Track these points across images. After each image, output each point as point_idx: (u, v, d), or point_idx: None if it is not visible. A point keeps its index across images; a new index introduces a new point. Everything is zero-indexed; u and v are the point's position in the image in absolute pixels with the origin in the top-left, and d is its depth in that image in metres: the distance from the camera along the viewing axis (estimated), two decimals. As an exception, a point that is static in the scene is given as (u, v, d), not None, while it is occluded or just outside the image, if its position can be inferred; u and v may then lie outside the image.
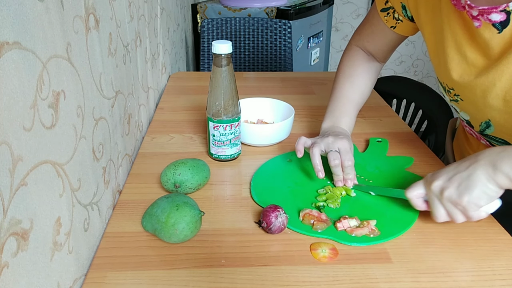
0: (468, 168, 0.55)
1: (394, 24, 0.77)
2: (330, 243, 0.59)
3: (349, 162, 0.70)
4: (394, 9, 0.75)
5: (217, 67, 0.73)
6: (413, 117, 1.28)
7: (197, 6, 1.81)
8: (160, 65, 1.17)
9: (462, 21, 0.61)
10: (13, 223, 0.37)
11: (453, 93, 0.68)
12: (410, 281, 0.53)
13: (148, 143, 0.88)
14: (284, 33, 1.63)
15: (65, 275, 0.49)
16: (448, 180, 0.55)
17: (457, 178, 0.55)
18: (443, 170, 0.58)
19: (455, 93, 0.67)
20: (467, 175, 0.54)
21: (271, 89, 1.22)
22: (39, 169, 0.42)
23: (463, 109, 0.69)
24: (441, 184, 0.56)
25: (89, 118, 0.58)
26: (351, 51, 0.86)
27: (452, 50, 0.63)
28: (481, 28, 0.57)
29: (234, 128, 0.78)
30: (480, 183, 0.53)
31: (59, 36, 0.47)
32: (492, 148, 0.55)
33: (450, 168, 0.57)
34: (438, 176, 0.57)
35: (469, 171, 0.54)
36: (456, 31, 0.62)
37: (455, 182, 0.55)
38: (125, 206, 0.67)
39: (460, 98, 0.67)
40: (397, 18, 0.76)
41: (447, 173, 0.56)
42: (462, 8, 0.58)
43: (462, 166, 0.56)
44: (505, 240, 0.61)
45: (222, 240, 0.60)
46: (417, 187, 0.61)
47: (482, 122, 0.67)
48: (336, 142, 0.71)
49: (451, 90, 0.67)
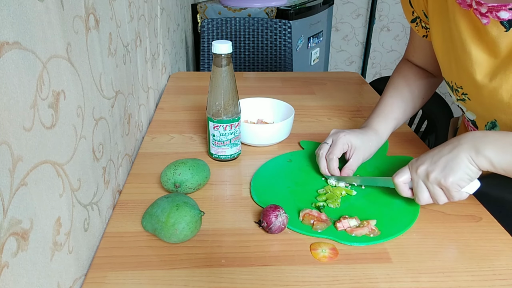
0: (452, 151, 0.57)
1: (425, 33, 0.76)
2: (330, 243, 0.59)
3: (330, 155, 0.71)
4: (420, 18, 0.74)
5: (217, 67, 0.73)
6: (413, 117, 1.28)
7: (197, 6, 1.81)
8: (160, 65, 1.17)
9: (467, 20, 0.60)
10: (13, 223, 0.37)
11: (460, 92, 0.68)
12: (410, 281, 0.53)
13: (148, 143, 0.88)
14: (284, 33, 1.63)
15: (65, 275, 0.49)
16: (434, 163, 0.58)
17: (442, 161, 0.57)
18: (426, 154, 0.60)
19: (463, 92, 0.67)
20: (452, 157, 0.56)
21: (271, 89, 1.22)
22: (39, 169, 0.42)
23: (470, 109, 0.69)
24: (426, 167, 0.58)
25: (89, 118, 0.58)
26: (400, 64, 0.86)
27: (459, 49, 0.63)
28: (489, 25, 0.57)
29: (234, 128, 0.78)
30: (463, 164, 0.56)
31: (59, 36, 0.47)
32: (474, 132, 0.58)
33: (434, 152, 0.59)
34: (423, 161, 0.59)
35: (453, 154, 0.56)
36: (462, 30, 0.61)
37: (440, 164, 0.57)
38: (125, 206, 0.67)
39: (467, 97, 0.67)
40: (425, 26, 0.75)
41: (431, 157, 0.59)
42: (467, 7, 0.58)
43: (445, 149, 0.58)
44: (505, 240, 0.61)
45: (222, 240, 0.60)
46: (403, 172, 0.62)
47: (488, 122, 0.67)
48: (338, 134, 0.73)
49: (459, 89, 0.67)
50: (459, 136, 0.59)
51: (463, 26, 0.61)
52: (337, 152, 0.71)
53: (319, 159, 0.74)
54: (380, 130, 0.77)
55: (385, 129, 0.78)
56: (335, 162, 0.71)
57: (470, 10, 0.59)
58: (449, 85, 0.70)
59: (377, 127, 0.77)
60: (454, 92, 0.70)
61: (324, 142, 0.75)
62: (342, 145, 0.72)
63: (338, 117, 1.03)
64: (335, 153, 0.71)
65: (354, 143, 0.72)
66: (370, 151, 0.75)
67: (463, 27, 0.61)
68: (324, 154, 0.73)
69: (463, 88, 0.67)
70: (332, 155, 0.71)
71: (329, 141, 0.74)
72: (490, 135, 0.56)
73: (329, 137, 0.75)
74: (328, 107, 1.09)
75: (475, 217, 0.66)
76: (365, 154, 0.74)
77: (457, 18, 0.62)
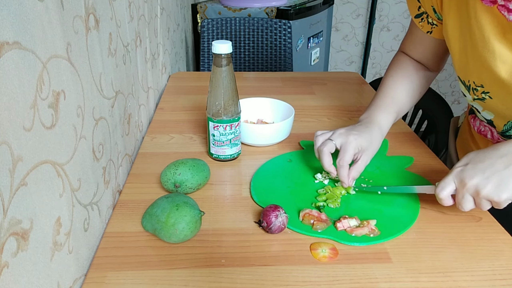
0: (507, 167, 0.55)
1: (430, 29, 0.75)
2: (330, 243, 0.59)
3: (341, 161, 0.68)
4: (427, 14, 0.74)
5: (217, 67, 0.73)
6: (413, 117, 1.28)
7: (197, 6, 1.81)
8: (160, 65, 1.17)
9: (490, 16, 0.59)
10: (13, 223, 0.37)
11: (480, 91, 0.66)
12: (410, 281, 0.53)
13: (148, 143, 0.88)
14: (284, 33, 1.63)
15: (65, 275, 0.49)
16: (486, 179, 0.55)
17: (496, 178, 0.55)
18: (475, 165, 0.57)
19: (483, 90, 0.65)
20: (508, 175, 0.54)
21: (271, 89, 1.22)
22: (39, 169, 0.42)
23: (488, 108, 0.68)
24: (477, 183, 0.55)
25: (89, 118, 0.58)
26: (397, 56, 0.85)
27: (480, 47, 0.62)
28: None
29: (234, 128, 0.78)
30: None
31: (59, 36, 0.47)
32: None
33: (484, 164, 0.56)
34: (472, 175, 0.56)
35: (509, 171, 0.54)
36: (484, 27, 0.60)
37: (494, 181, 0.55)
38: (125, 206, 0.67)
39: (489, 96, 0.65)
40: (432, 22, 0.74)
41: (483, 171, 0.56)
42: (490, 3, 0.57)
43: (499, 164, 0.55)
44: (505, 240, 0.61)
45: (222, 240, 0.60)
46: (448, 184, 0.59)
47: (510, 121, 0.66)
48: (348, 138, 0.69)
49: (479, 87, 0.66)
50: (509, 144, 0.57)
51: (486, 23, 0.60)
52: (348, 159, 0.68)
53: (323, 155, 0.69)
54: (383, 125, 0.76)
55: (387, 122, 0.76)
56: (346, 169, 0.68)
57: (494, 7, 0.57)
58: (465, 84, 0.69)
59: (380, 121, 0.76)
60: (471, 92, 0.68)
61: (329, 138, 0.70)
62: (354, 150, 0.69)
63: (338, 117, 1.03)
64: (346, 160, 0.68)
65: (364, 146, 0.70)
66: (376, 148, 0.73)
67: (485, 24, 0.60)
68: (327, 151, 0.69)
69: (484, 87, 0.65)
70: (343, 162, 0.68)
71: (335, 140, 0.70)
72: None
73: (335, 135, 0.71)
74: (328, 107, 1.09)
75: (475, 217, 0.66)
76: (372, 153, 0.72)
77: (479, 15, 0.60)
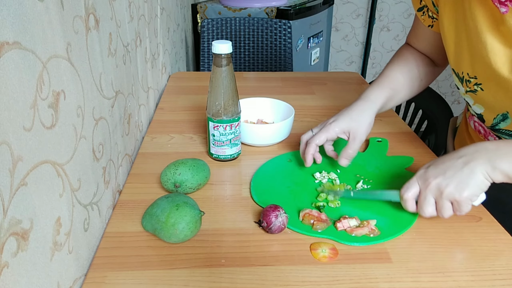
0: (466, 165, 0.56)
1: (430, 22, 0.75)
2: (330, 243, 0.59)
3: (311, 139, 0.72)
4: (428, 7, 0.74)
5: (217, 67, 0.73)
6: (413, 117, 1.28)
7: (197, 6, 1.81)
8: (160, 65, 1.17)
9: (484, 8, 0.59)
10: (13, 223, 0.37)
11: (473, 83, 0.66)
12: (410, 281, 0.53)
13: (148, 143, 0.88)
14: (284, 33, 1.63)
15: (65, 275, 0.49)
16: (447, 178, 0.56)
17: (457, 176, 0.56)
18: (436, 167, 0.59)
19: (476, 82, 0.66)
20: (467, 172, 0.55)
21: (271, 89, 1.22)
22: (39, 169, 0.42)
23: (479, 101, 0.68)
24: (439, 182, 0.57)
25: (89, 118, 0.58)
26: (402, 47, 0.85)
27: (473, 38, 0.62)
28: (507, 14, 0.56)
29: (234, 128, 0.78)
30: (479, 180, 0.55)
31: (59, 36, 0.47)
32: (485, 145, 0.57)
33: (445, 165, 0.58)
34: (435, 175, 0.58)
35: (468, 169, 0.56)
36: (477, 18, 0.60)
37: (455, 179, 0.56)
38: (125, 206, 0.67)
39: (480, 88, 0.66)
40: (432, 16, 0.74)
41: (444, 171, 0.57)
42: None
43: (458, 164, 0.57)
44: (505, 240, 0.61)
45: (222, 240, 0.60)
46: (412, 185, 0.60)
47: (499, 114, 0.66)
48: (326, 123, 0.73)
49: (472, 79, 0.66)
50: (469, 147, 0.58)
51: (480, 15, 0.60)
52: (318, 141, 0.72)
53: (301, 145, 0.75)
54: (371, 97, 0.75)
55: (378, 96, 0.75)
56: (312, 148, 0.72)
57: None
58: (458, 76, 0.69)
59: (368, 95, 0.75)
60: (464, 83, 0.69)
61: (311, 129, 0.75)
62: (328, 134, 0.71)
63: (338, 117, 1.03)
64: (315, 140, 0.72)
65: (345, 127, 0.71)
66: (366, 123, 0.72)
67: (479, 15, 0.60)
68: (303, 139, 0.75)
69: (477, 78, 0.65)
70: (311, 140, 0.72)
71: (315, 130, 0.74)
72: (503, 146, 0.56)
73: (318, 126, 0.75)
74: (328, 107, 1.09)
75: (475, 217, 0.66)
76: (361, 129, 0.72)
77: (473, 6, 0.60)
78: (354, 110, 0.73)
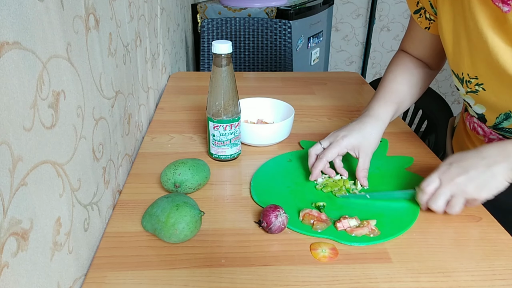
0: (489, 168, 0.58)
1: (427, 25, 0.75)
2: (330, 243, 0.59)
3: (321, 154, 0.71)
4: (425, 9, 0.74)
5: (217, 67, 0.73)
6: (413, 117, 1.28)
7: (197, 6, 1.81)
8: (160, 65, 1.17)
9: (485, 8, 0.59)
10: (13, 223, 0.37)
11: (474, 83, 0.66)
12: (410, 281, 0.53)
13: (148, 143, 0.88)
14: (284, 33, 1.63)
15: (65, 275, 0.49)
16: (471, 179, 0.59)
17: (480, 178, 0.58)
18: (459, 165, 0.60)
19: (477, 82, 0.66)
20: (490, 175, 0.58)
21: (271, 89, 1.22)
22: (39, 169, 0.42)
23: (480, 101, 0.68)
24: (461, 181, 0.59)
25: (89, 118, 0.58)
26: (397, 54, 0.85)
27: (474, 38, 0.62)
28: (509, 13, 0.56)
29: (234, 128, 0.78)
30: (500, 183, 0.58)
31: (59, 36, 0.47)
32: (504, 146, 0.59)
33: (468, 163, 0.60)
34: (459, 173, 0.60)
35: (491, 172, 0.58)
36: (478, 18, 0.60)
37: (477, 181, 0.58)
38: (125, 206, 0.67)
39: (482, 88, 0.66)
40: (429, 18, 0.74)
41: (467, 171, 0.59)
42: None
43: (481, 165, 0.59)
44: (505, 240, 0.61)
45: (222, 240, 0.60)
46: (434, 180, 0.62)
47: (501, 114, 0.66)
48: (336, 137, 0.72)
49: (472, 79, 0.66)
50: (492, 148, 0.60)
51: (481, 15, 0.60)
52: (329, 156, 0.71)
53: (309, 157, 0.73)
54: (380, 115, 0.75)
55: (385, 113, 0.76)
56: (322, 164, 0.71)
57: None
58: (458, 77, 0.69)
59: (377, 112, 0.75)
60: (464, 84, 0.69)
61: (319, 141, 0.74)
62: (340, 149, 0.71)
63: (338, 117, 1.03)
64: (326, 155, 0.70)
65: (355, 144, 0.71)
66: (375, 141, 0.73)
67: (480, 15, 0.60)
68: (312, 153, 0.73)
69: (478, 78, 0.65)
70: (322, 155, 0.71)
71: (324, 144, 0.73)
72: None
73: (326, 138, 0.74)
74: (328, 107, 1.09)
75: (475, 217, 0.66)
76: (371, 147, 0.72)
77: (473, 6, 0.60)
78: (366, 128, 0.73)
